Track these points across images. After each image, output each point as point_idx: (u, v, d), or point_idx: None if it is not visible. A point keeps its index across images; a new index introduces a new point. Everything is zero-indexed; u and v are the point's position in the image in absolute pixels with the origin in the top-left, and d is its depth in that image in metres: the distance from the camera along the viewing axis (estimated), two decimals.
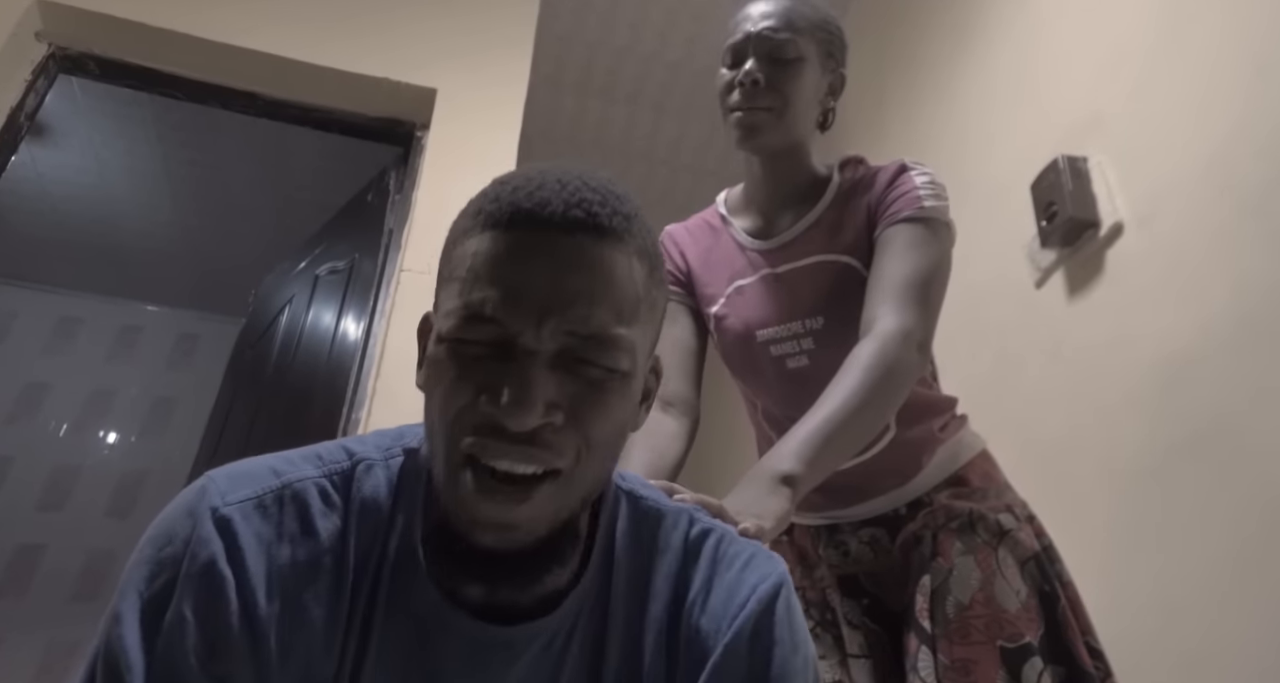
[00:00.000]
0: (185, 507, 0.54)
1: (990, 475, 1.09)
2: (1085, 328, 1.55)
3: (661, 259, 0.60)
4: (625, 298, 0.54)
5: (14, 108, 2.00)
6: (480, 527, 0.52)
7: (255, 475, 0.56)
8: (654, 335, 0.60)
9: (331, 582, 0.54)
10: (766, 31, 1.08)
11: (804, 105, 1.10)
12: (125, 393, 4.55)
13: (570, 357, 0.52)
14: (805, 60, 1.09)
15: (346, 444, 0.61)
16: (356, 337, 2.02)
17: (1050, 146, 1.68)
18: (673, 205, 3.56)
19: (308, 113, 2.29)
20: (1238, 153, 1.29)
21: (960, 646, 0.92)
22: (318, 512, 0.56)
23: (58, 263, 4.41)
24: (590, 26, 2.88)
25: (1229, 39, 1.35)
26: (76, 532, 4.16)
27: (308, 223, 2.93)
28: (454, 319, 0.53)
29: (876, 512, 1.09)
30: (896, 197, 1.06)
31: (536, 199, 0.53)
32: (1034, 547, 1.01)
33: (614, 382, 0.54)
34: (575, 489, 0.54)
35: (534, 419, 0.50)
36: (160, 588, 0.51)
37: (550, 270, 0.52)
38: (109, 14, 2.08)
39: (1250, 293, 1.23)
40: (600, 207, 0.54)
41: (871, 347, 0.93)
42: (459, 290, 0.53)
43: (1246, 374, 1.22)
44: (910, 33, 2.41)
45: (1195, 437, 1.28)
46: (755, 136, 1.09)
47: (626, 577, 0.61)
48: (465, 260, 0.54)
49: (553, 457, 0.52)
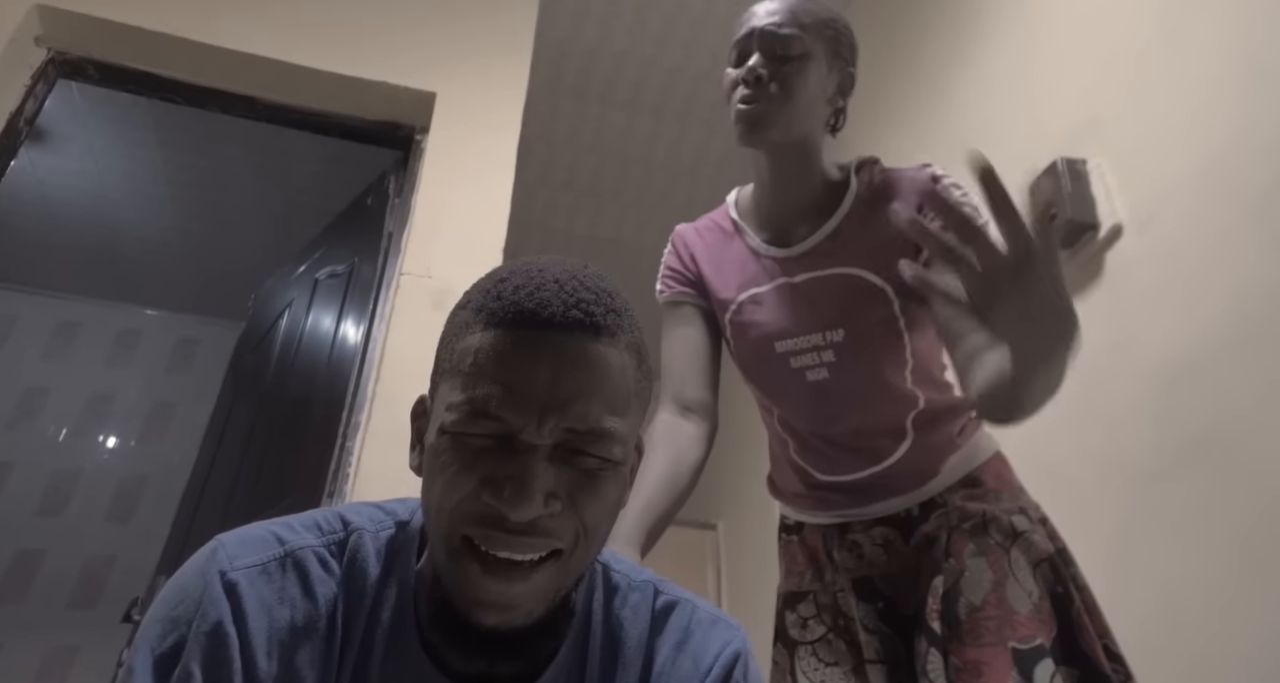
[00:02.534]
0: (197, 569, 0.58)
1: (1004, 478, 1.09)
2: (1085, 330, 1.54)
3: (647, 350, 0.63)
4: (618, 392, 0.57)
5: (13, 113, 2.00)
6: (482, 607, 0.56)
7: (261, 542, 0.60)
8: (640, 421, 0.63)
9: (325, 646, 0.58)
10: (771, 27, 1.07)
11: (809, 102, 1.07)
12: (125, 397, 4.54)
13: (567, 449, 0.56)
14: (810, 57, 1.07)
15: (343, 513, 0.65)
16: (356, 340, 2.02)
17: (1049, 149, 1.68)
18: (671, 209, 3.58)
19: (307, 117, 2.29)
20: (1237, 155, 1.29)
21: (972, 647, 0.91)
22: (316, 578, 0.60)
23: (57, 267, 4.41)
24: (589, 31, 2.89)
25: (1227, 41, 1.35)
26: (76, 537, 4.15)
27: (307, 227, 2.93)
28: (457, 413, 0.55)
29: (889, 511, 1.09)
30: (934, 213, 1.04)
31: (537, 300, 0.56)
32: (1048, 549, 1.00)
33: (608, 471, 0.57)
34: (573, 569, 0.59)
35: (534, 510, 0.54)
36: (171, 646, 0.54)
37: (551, 370, 0.55)
38: (108, 19, 2.08)
39: (1250, 295, 1.23)
40: (596, 306, 0.57)
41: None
42: (462, 385, 0.56)
43: (1247, 377, 1.22)
44: (909, 35, 2.41)
45: (1197, 440, 1.28)
46: (757, 131, 1.07)
47: (601, 646, 0.66)
48: (468, 356, 0.57)
49: (553, 540, 0.56)
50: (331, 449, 1.82)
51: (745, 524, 3.17)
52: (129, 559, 4.08)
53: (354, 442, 1.80)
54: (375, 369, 1.89)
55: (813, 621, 1.10)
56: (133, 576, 3.91)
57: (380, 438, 1.78)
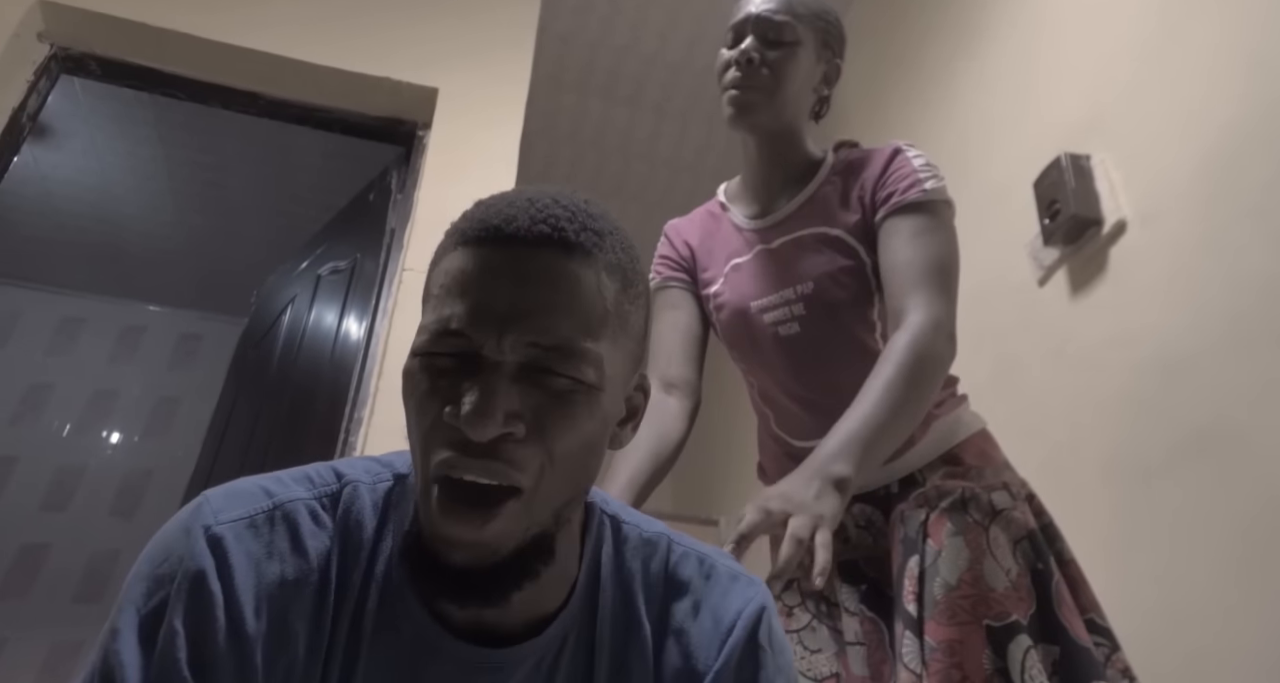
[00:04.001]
0: (181, 525, 0.56)
1: (987, 454, 1.08)
2: (1088, 326, 1.55)
3: (640, 277, 0.61)
4: (592, 311, 0.54)
5: (16, 108, 2.00)
6: (447, 544, 0.53)
7: (248, 495, 0.57)
8: (632, 353, 0.60)
9: (318, 600, 0.56)
10: (766, 13, 1.12)
11: (797, 88, 1.14)
12: (128, 393, 4.55)
13: (534, 368, 0.53)
14: (801, 44, 1.13)
15: (336, 467, 0.63)
16: (359, 336, 2.02)
17: (1053, 144, 1.68)
18: (673, 205, 3.56)
19: (309, 112, 2.29)
20: (1240, 150, 1.29)
21: (945, 626, 0.91)
22: (307, 532, 0.57)
23: (60, 263, 4.42)
24: (591, 26, 2.88)
25: (1229, 36, 1.35)
26: (80, 532, 4.16)
27: (310, 223, 2.93)
28: (425, 335, 0.54)
29: (868, 487, 1.08)
30: (896, 179, 1.09)
31: (504, 216, 0.54)
32: (1029, 525, 0.99)
33: (579, 394, 0.54)
34: (542, 506, 0.54)
35: (494, 429, 0.50)
36: (156, 604, 0.53)
37: (513, 284, 0.53)
38: (111, 14, 2.08)
39: (1253, 290, 1.23)
40: (568, 222, 0.55)
41: (905, 340, 0.96)
42: (432, 306, 0.55)
43: (1249, 372, 1.22)
44: (912, 31, 2.41)
45: (1198, 435, 1.28)
46: (747, 115, 1.12)
47: (613, 602, 0.63)
48: (439, 278, 0.56)
49: (513, 472, 0.52)
50: (334, 444, 1.82)
51: None
52: (133, 554, 3.98)
53: (357, 437, 1.80)
54: (378, 365, 1.90)
55: (798, 608, 1.09)
56: None
57: (383, 433, 1.78)
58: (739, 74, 1.12)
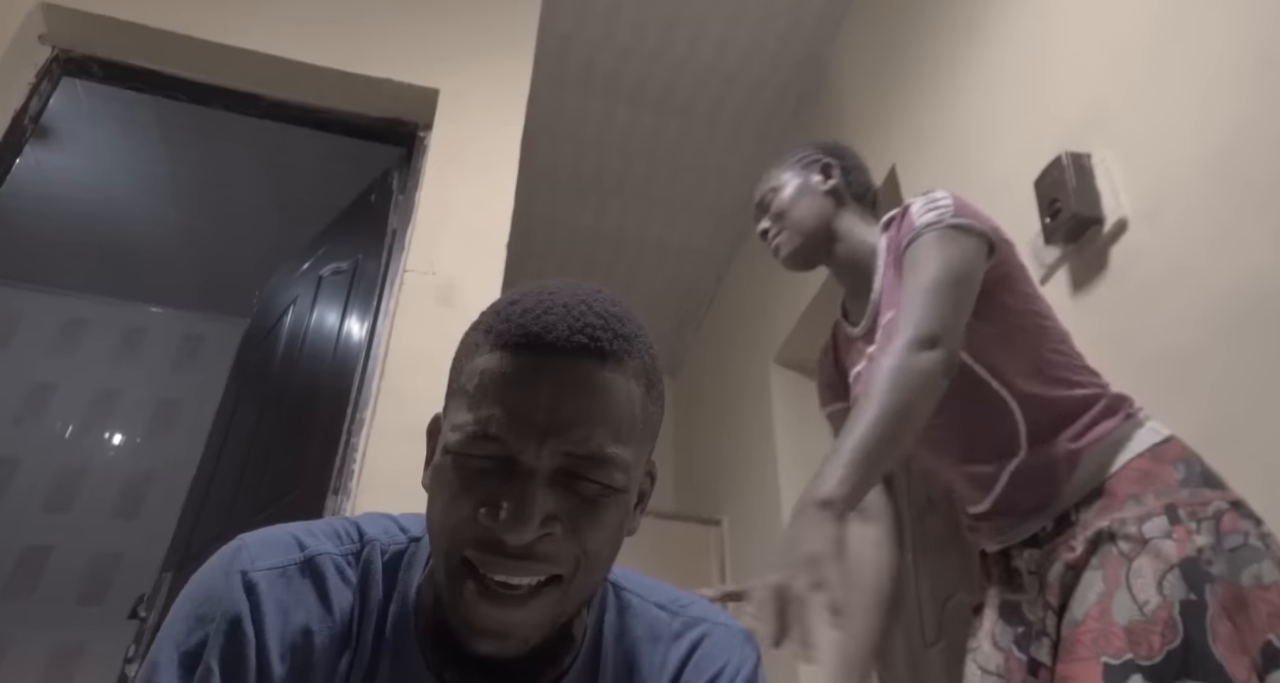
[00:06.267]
0: (221, 568, 0.59)
1: (1151, 476, 1.00)
2: (1090, 325, 1.55)
3: (659, 377, 0.63)
4: (622, 419, 0.57)
5: (18, 110, 2.01)
6: (478, 633, 0.56)
7: (282, 545, 0.61)
8: (649, 447, 0.63)
9: (337, 652, 0.59)
10: (758, 199, 1.34)
11: (799, 211, 1.28)
12: (130, 394, 4.56)
13: (567, 474, 0.55)
14: (784, 186, 1.30)
15: (360, 524, 0.66)
16: (360, 337, 2.02)
17: (1054, 143, 1.68)
18: (674, 204, 3.58)
19: (310, 114, 2.29)
20: (1243, 147, 1.29)
21: (1065, 662, 0.89)
22: (333, 587, 0.60)
23: (63, 265, 4.42)
24: (592, 25, 2.88)
25: (1233, 32, 1.34)
26: (83, 533, 4.17)
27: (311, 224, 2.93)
28: (460, 434, 0.56)
29: (1025, 534, 1.07)
30: (902, 236, 1.13)
31: (543, 323, 0.56)
32: (1182, 553, 0.91)
33: (609, 497, 0.57)
34: (573, 596, 0.58)
35: (530, 534, 0.53)
36: (196, 644, 0.56)
37: (553, 393, 0.55)
38: (112, 17, 2.08)
39: (1256, 288, 1.23)
40: (603, 331, 0.57)
41: (883, 361, 0.99)
42: (467, 405, 0.56)
43: (1252, 370, 1.22)
44: (913, 29, 2.40)
45: (1200, 434, 1.28)
46: (788, 257, 1.29)
47: (614, 670, 0.65)
48: (474, 377, 0.57)
49: (551, 566, 0.55)
50: (336, 445, 1.82)
51: (749, 520, 3.17)
52: (135, 555, 4.10)
53: (359, 438, 1.80)
54: (380, 365, 1.90)
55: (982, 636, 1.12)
56: (139, 572, 3.92)
57: (385, 434, 1.78)
58: (767, 241, 1.32)
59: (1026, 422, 1.07)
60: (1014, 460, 1.07)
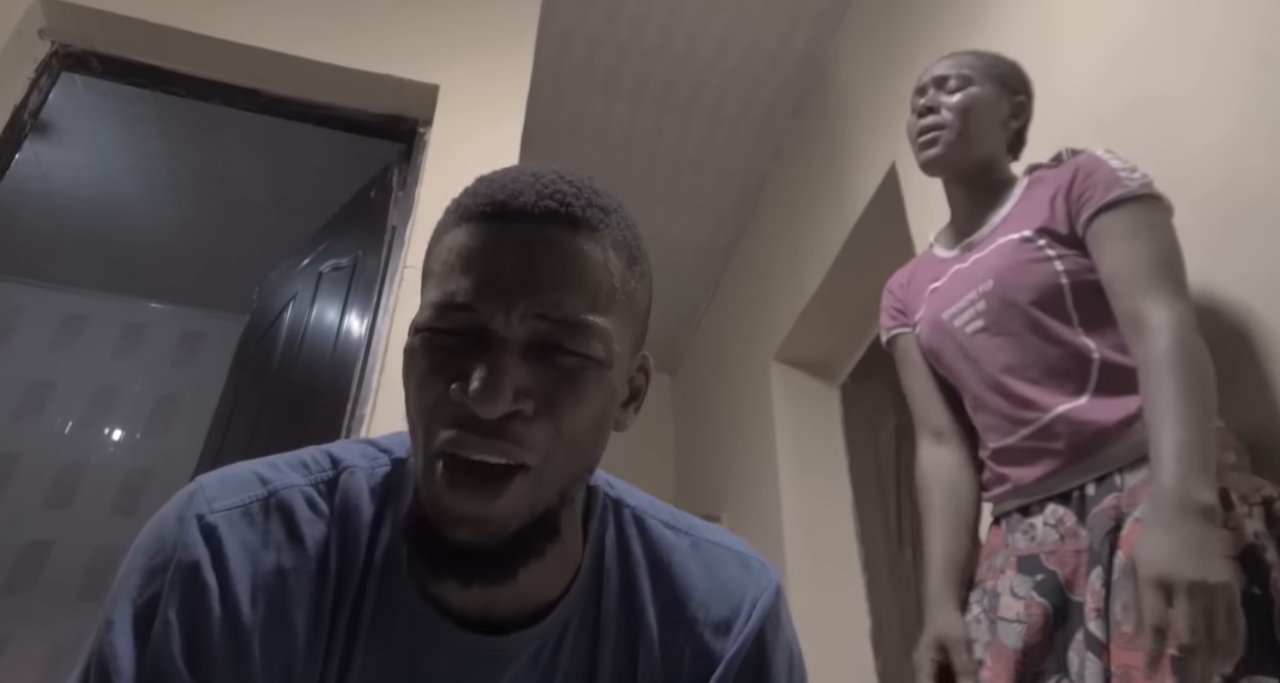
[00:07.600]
0: (174, 513, 0.55)
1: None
2: None
3: (645, 256, 0.60)
4: (599, 286, 0.53)
5: (18, 105, 2.00)
6: (452, 521, 0.52)
7: (243, 482, 0.56)
8: (637, 331, 0.59)
9: (316, 589, 0.55)
10: (940, 72, 1.30)
11: (980, 121, 1.25)
12: (130, 390, 4.56)
13: (543, 345, 0.52)
14: (977, 84, 1.26)
15: (332, 451, 0.62)
16: (360, 333, 2.02)
17: (1053, 141, 1.67)
18: (675, 201, 3.57)
19: (311, 109, 2.29)
20: (1243, 146, 1.29)
21: (1122, 651, 0.85)
22: (304, 520, 0.56)
23: (62, 260, 4.42)
24: (593, 22, 2.88)
25: (1232, 32, 1.34)
26: (83, 529, 4.17)
27: (311, 220, 2.93)
28: (429, 310, 0.53)
29: (1061, 486, 1.04)
30: (1094, 181, 1.09)
31: (510, 190, 0.54)
32: (1242, 541, 0.88)
33: (589, 371, 0.53)
34: (549, 484, 0.54)
35: (503, 406, 0.49)
36: (150, 596, 0.52)
37: (521, 257, 0.52)
38: (112, 11, 2.08)
39: (1257, 288, 1.23)
40: (574, 198, 0.54)
41: (1167, 343, 0.94)
42: (435, 283, 0.54)
43: (1252, 371, 1.22)
44: (913, 27, 2.40)
45: None
46: (934, 154, 1.25)
47: (618, 588, 0.62)
48: (442, 255, 0.55)
49: (522, 451, 0.51)
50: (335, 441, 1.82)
51: (749, 515, 3.17)
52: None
53: (358, 434, 1.81)
54: (379, 362, 1.90)
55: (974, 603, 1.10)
56: None
57: (385, 430, 1.77)
58: (923, 121, 1.25)
59: (1100, 375, 1.05)
60: (1069, 403, 1.05)
